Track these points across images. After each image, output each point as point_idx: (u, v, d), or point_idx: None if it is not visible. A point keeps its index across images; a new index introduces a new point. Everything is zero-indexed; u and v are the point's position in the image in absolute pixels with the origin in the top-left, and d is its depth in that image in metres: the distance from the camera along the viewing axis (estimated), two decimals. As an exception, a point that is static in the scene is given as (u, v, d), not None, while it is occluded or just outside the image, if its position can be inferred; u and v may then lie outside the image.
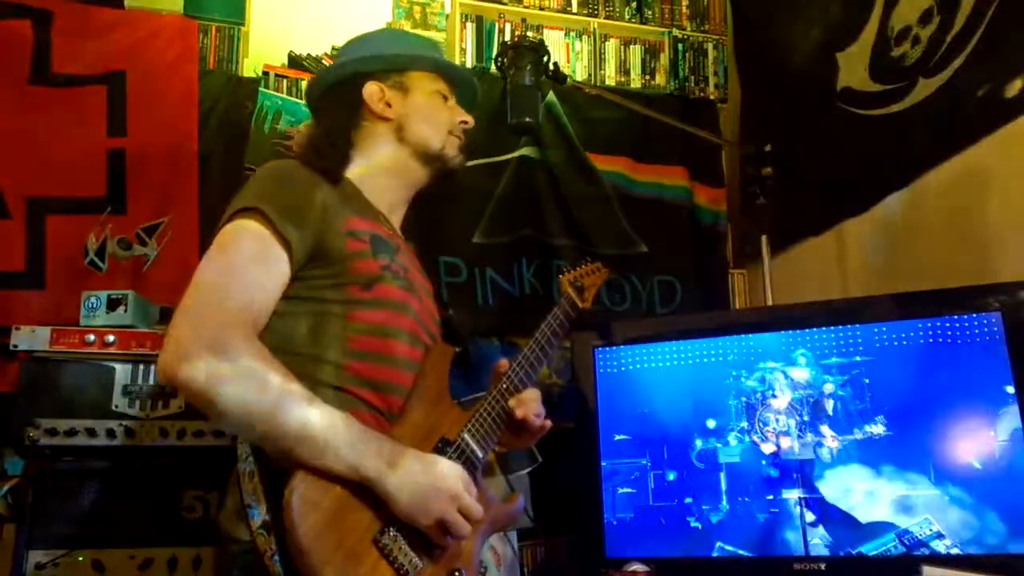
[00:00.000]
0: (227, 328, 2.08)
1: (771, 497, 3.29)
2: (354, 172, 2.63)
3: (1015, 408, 3.02)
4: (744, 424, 3.39)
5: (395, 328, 2.43)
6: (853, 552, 3.11)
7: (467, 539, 2.28)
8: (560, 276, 3.25)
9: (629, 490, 3.49)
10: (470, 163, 4.91)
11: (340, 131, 2.67)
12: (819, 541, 3.16)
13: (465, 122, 2.87)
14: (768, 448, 3.33)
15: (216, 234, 2.28)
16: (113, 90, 4.46)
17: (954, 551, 2.98)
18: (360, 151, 2.68)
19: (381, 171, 2.69)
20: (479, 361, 3.11)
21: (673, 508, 3.42)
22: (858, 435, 3.22)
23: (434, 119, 2.78)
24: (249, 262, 2.22)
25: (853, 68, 4.35)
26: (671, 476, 3.45)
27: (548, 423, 2.75)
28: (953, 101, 3.69)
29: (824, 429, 3.27)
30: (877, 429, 3.20)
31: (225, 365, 2.02)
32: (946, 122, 3.72)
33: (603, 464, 3.54)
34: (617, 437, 3.55)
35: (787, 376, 3.36)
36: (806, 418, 3.30)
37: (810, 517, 3.20)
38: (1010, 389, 3.04)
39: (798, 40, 4.80)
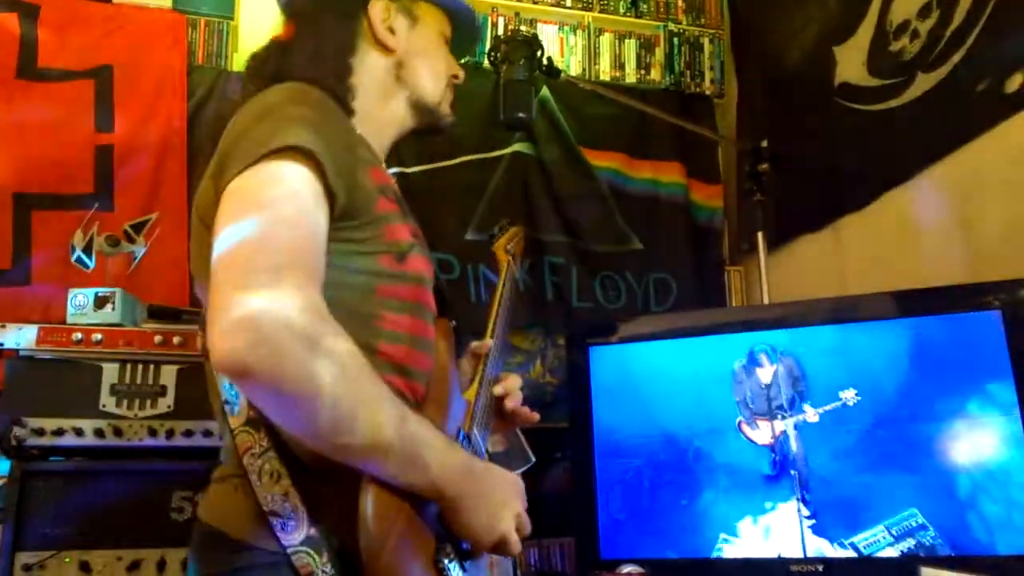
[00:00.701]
0: (310, 307, 1.60)
1: (768, 497, 3.29)
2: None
3: (1016, 409, 3.03)
4: (740, 423, 3.39)
5: (425, 306, 2.09)
6: (846, 543, 3.13)
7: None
8: (493, 244, 3.10)
9: (624, 491, 3.49)
10: (463, 159, 4.96)
11: (342, 48, 2.24)
12: (815, 539, 3.17)
13: (456, 76, 2.47)
14: (764, 447, 3.34)
15: (232, 169, 1.78)
16: (101, 85, 4.44)
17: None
18: (355, 84, 2.23)
19: (378, 107, 2.27)
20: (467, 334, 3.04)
21: (669, 509, 3.42)
22: (856, 434, 3.23)
23: (436, 66, 2.39)
24: (310, 218, 1.74)
25: (851, 62, 4.35)
26: (667, 476, 3.45)
27: (536, 415, 2.63)
28: (953, 96, 3.69)
29: (807, 408, 3.27)
30: (875, 428, 3.21)
31: (320, 359, 1.58)
32: (946, 117, 3.72)
33: (598, 464, 3.54)
34: (612, 437, 3.55)
35: (785, 374, 3.37)
36: (802, 418, 3.31)
37: (807, 515, 3.21)
38: (1010, 389, 3.04)
39: (795, 34, 4.80)
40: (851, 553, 3.13)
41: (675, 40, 5.56)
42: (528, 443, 4.17)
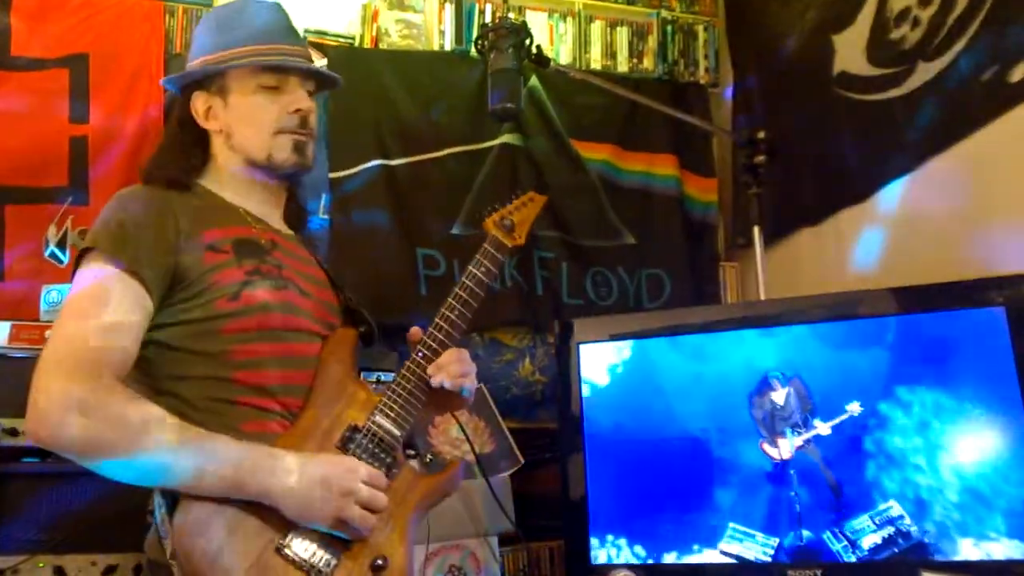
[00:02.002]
0: (90, 382, 2.11)
1: (764, 498, 3.29)
2: (209, 178, 2.60)
3: (1020, 407, 3.02)
4: (735, 423, 3.39)
5: (274, 330, 2.39)
6: (836, 529, 3.14)
7: (384, 524, 2.28)
8: (485, 220, 2.93)
9: (616, 493, 3.49)
10: (449, 151, 4.94)
11: (177, 143, 2.62)
12: (813, 537, 3.17)
13: (299, 109, 2.59)
14: (757, 446, 3.33)
15: (72, 276, 2.33)
16: (75, 74, 4.42)
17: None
18: (211, 156, 2.63)
19: (231, 176, 2.61)
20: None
21: (662, 512, 3.41)
22: (854, 431, 3.23)
23: (256, 122, 2.58)
24: (105, 306, 2.22)
25: (850, 51, 4.34)
26: (660, 478, 3.44)
27: (472, 383, 2.60)
28: (955, 86, 3.69)
29: (818, 423, 3.27)
30: (876, 426, 3.21)
31: (96, 423, 2.07)
32: (948, 107, 3.72)
33: (588, 466, 3.53)
34: (603, 438, 3.55)
35: (780, 373, 3.36)
36: (799, 414, 3.30)
37: (803, 514, 3.21)
38: (1014, 387, 3.04)
39: (793, 22, 4.79)
40: (844, 544, 3.14)
41: (668, 28, 5.55)
42: (517, 443, 4.17)
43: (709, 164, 5.43)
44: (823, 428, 3.27)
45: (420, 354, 2.53)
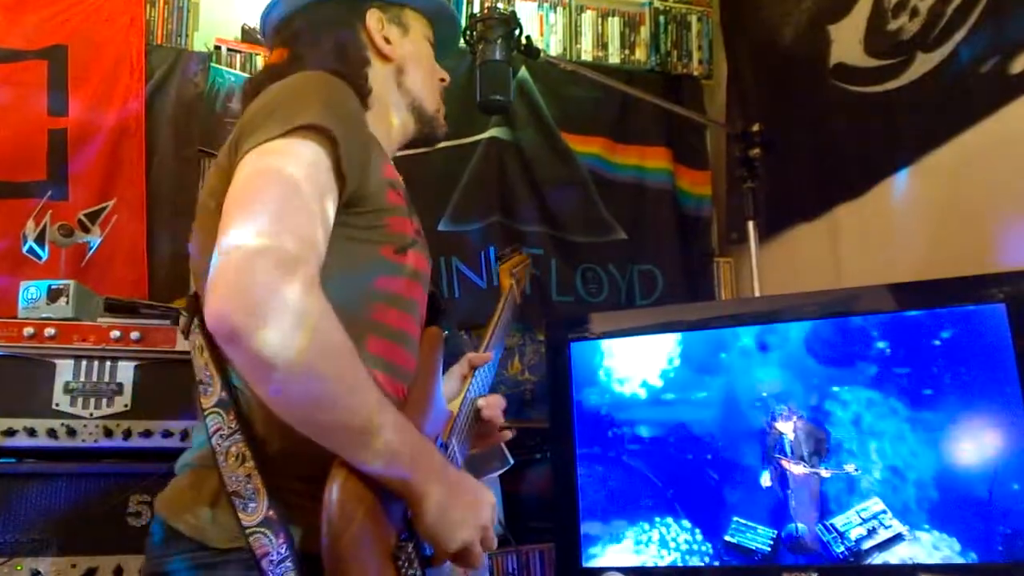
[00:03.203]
0: (308, 286, 1.69)
1: (757, 498, 3.29)
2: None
3: (1021, 406, 3.03)
4: (731, 423, 3.39)
5: (414, 303, 2.20)
6: (826, 523, 3.15)
7: None
8: (500, 264, 3.19)
9: (608, 495, 3.49)
10: (436, 145, 4.95)
11: (356, 51, 2.35)
12: (800, 537, 3.18)
13: (443, 80, 2.61)
14: (755, 449, 3.34)
15: (247, 143, 1.88)
16: (54, 66, 4.40)
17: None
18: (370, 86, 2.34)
19: (384, 113, 2.40)
20: (447, 356, 3.07)
21: (653, 515, 3.42)
22: (851, 429, 3.23)
23: (430, 73, 2.53)
24: (319, 196, 1.84)
25: (847, 42, 4.34)
26: (652, 479, 3.45)
27: (508, 433, 2.71)
28: (955, 77, 3.68)
29: (818, 425, 3.28)
30: (872, 424, 3.21)
31: (307, 335, 1.66)
32: (947, 99, 3.71)
33: (580, 467, 3.53)
34: (594, 438, 3.55)
35: (786, 406, 3.37)
36: (806, 449, 3.31)
37: (797, 519, 3.21)
38: (1015, 386, 3.04)
39: (788, 12, 4.79)
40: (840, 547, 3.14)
41: (661, 18, 5.54)
42: (506, 444, 4.18)
43: (703, 157, 5.43)
44: (824, 472, 3.27)
45: (476, 383, 2.56)
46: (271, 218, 1.73)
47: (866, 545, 3.11)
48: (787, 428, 3.33)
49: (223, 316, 1.62)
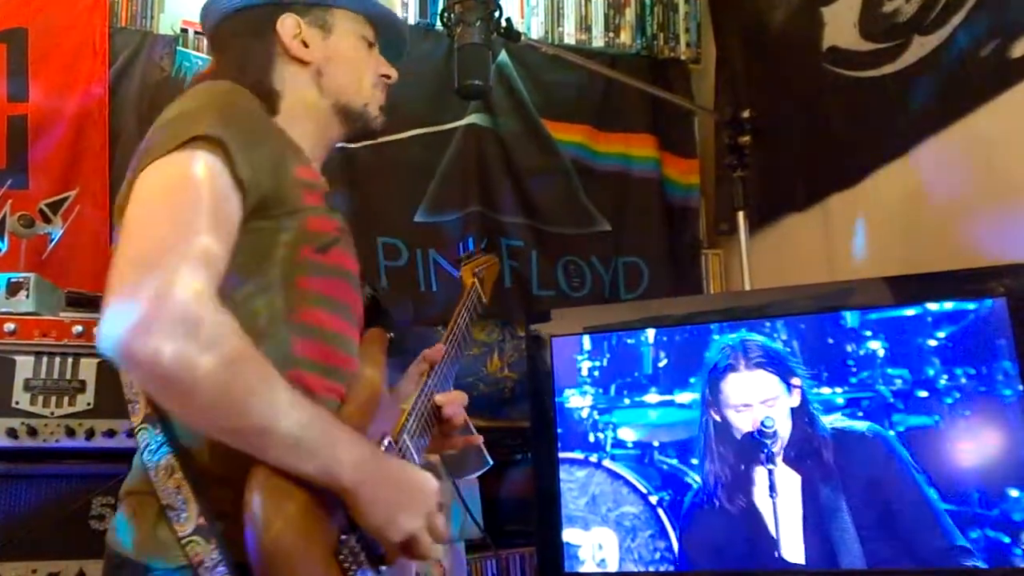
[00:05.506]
0: (198, 295, 1.75)
1: (743, 502, 3.30)
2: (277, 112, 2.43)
3: (1021, 403, 3.03)
4: (717, 421, 3.39)
5: (343, 303, 2.25)
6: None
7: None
8: (462, 265, 3.22)
9: (589, 497, 3.49)
10: (412, 132, 4.92)
11: (261, 61, 2.46)
12: (797, 547, 3.18)
13: (387, 76, 2.69)
14: (738, 449, 3.34)
15: (144, 161, 1.97)
16: (13, 49, 4.37)
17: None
18: (277, 91, 2.46)
19: (303, 116, 2.46)
20: (419, 350, 3.07)
21: (638, 518, 3.41)
22: (851, 426, 3.23)
23: (358, 70, 2.60)
24: (212, 205, 1.92)
25: (841, 24, 4.33)
26: (636, 481, 3.44)
27: (478, 438, 2.80)
28: (953, 61, 3.67)
29: (809, 428, 3.27)
30: (872, 423, 3.21)
31: (198, 344, 1.71)
32: (945, 85, 3.71)
33: (562, 468, 3.53)
34: (577, 437, 3.54)
35: (766, 367, 3.37)
36: (788, 420, 3.31)
37: (784, 525, 3.21)
38: (1016, 381, 3.04)
39: (780, -7, 4.79)
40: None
41: (647, 0, 5.52)
42: (485, 444, 4.17)
43: (690, 145, 5.41)
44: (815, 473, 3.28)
45: (432, 381, 2.59)
46: (164, 233, 1.84)
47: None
48: (776, 429, 3.33)
49: (112, 339, 1.72)
